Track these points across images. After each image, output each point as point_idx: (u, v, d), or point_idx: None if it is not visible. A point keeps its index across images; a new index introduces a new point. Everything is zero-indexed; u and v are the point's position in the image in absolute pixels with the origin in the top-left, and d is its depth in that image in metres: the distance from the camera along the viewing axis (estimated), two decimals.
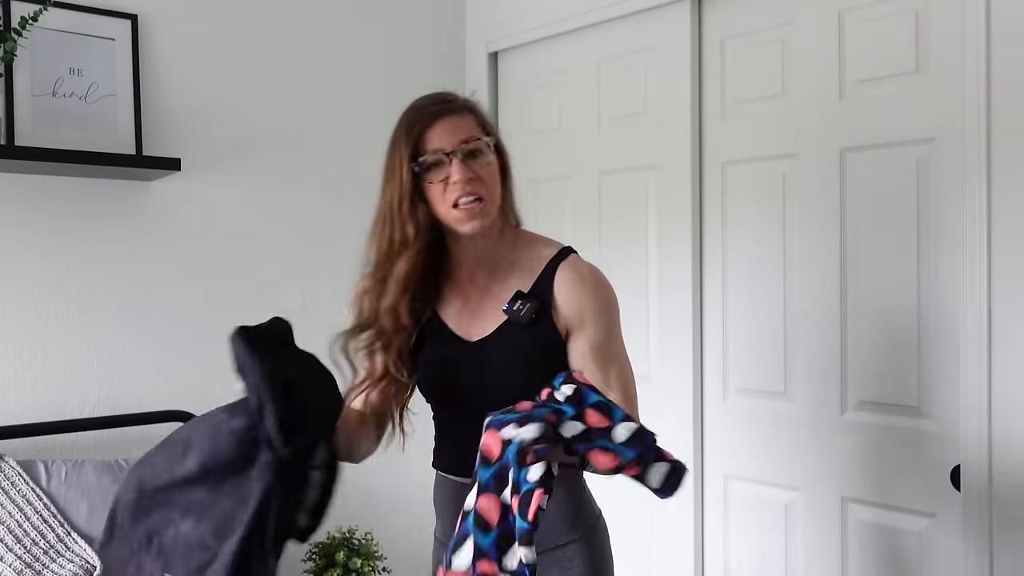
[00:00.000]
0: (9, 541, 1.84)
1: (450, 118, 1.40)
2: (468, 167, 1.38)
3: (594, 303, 1.43)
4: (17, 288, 2.11)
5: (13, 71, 2.05)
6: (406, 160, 1.39)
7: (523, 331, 1.42)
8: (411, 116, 1.42)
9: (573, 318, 1.42)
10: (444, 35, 2.88)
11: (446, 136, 1.39)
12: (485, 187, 1.40)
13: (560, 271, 1.44)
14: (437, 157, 1.38)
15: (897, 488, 1.95)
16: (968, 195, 1.79)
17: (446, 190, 1.38)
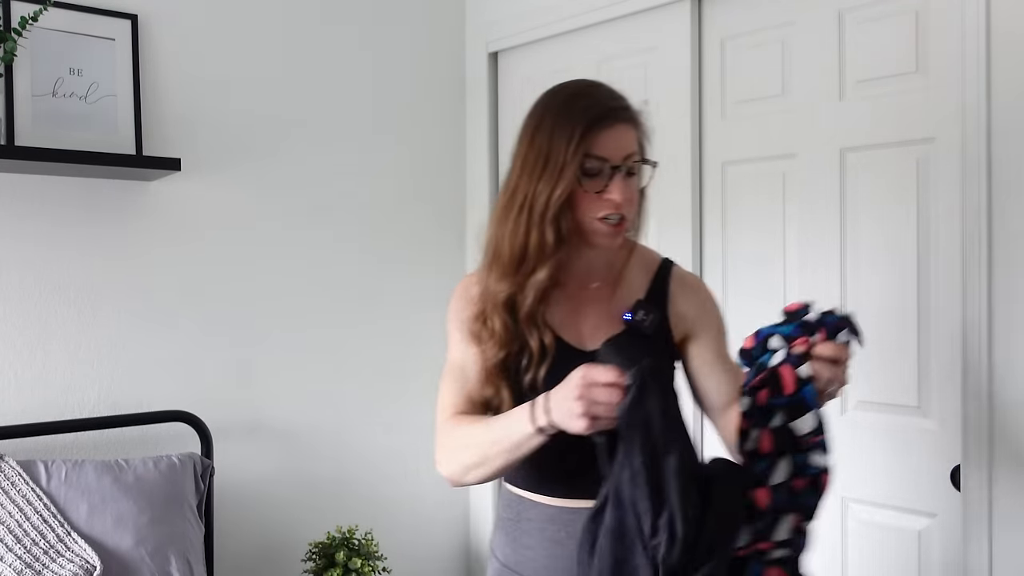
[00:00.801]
0: (9, 541, 1.84)
1: (624, 127, 1.31)
2: (626, 186, 1.30)
3: (713, 310, 1.44)
4: (17, 288, 2.11)
5: (13, 71, 2.05)
6: (576, 157, 1.26)
7: (644, 341, 1.32)
8: (593, 109, 1.28)
9: (693, 321, 1.41)
10: (444, 35, 2.88)
11: (617, 146, 1.29)
12: (631, 210, 1.33)
13: (675, 281, 1.43)
14: (601, 167, 1.28)
15: (897, 488, 1.95)
16: (968, 195, 1.79)
17: (597, 202, 1.29)
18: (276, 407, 2.50)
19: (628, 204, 1.30)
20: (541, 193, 1.27)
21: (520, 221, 1.29)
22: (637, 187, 1.34)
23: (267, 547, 2.47)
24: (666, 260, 1.46)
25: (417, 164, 2.81)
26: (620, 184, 1.28)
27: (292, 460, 2.53)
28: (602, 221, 1.30)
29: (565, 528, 1.35)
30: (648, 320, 1.32)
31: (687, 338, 1.42)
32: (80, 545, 1.88)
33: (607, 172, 1.28)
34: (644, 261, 1.45)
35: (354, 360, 2.67)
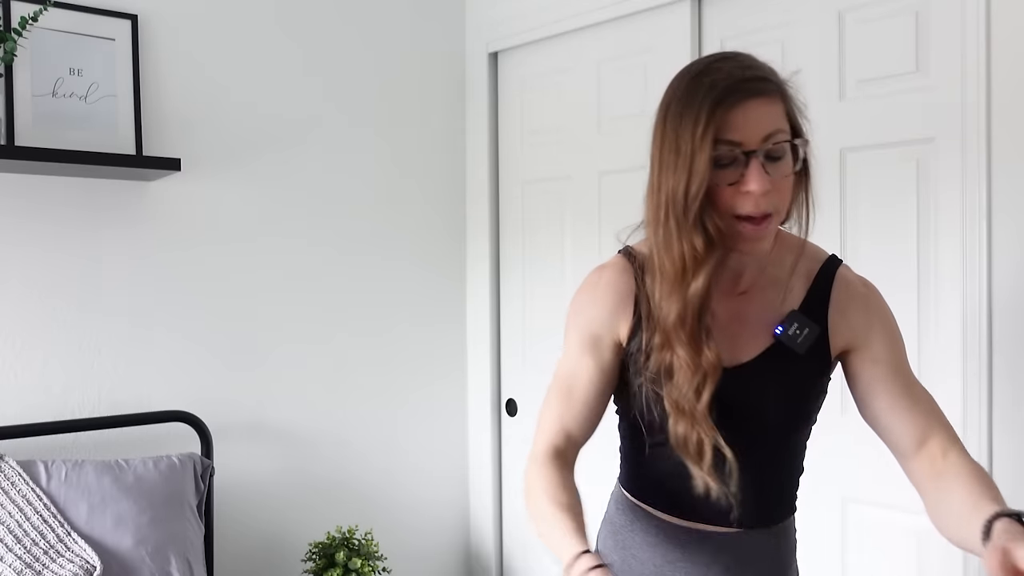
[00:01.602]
0: (9, 541, 1.84)
1: (760, 102, 1.09)
2: (767, 175, 1.08)
3: (883, 317, 1.24)
4: (17, 288, 2.11)
5: (13, 71, 2.05)
6: (707, 145, 1.06)
7: (798, 360, 1.20)
8: (718, 85, 1.08)
9: (859, 335, 1.23)
10: (444, 35, 2.88)
11: (751, 127, 1.07)
12: (780, 201, 1.12)
13: (838, 286, 1.23)
14: (733, 154, 1.08)
15: (897, 488, 1.95)
16: (968, 195, 1.79)
17: (734, 196, 1.09)
18: (276, 407, 2.50)
19: (772, 195, 1.09)
20: (678, 191, 1.09)
21: (670, 228, 1.11)
22: (786, 173, 1.12)
23: (267, 547, 2.47)
24: (831, 260, 1.27)
25: (417, 164, 2.81)
26: (758, 172, 1.07)
27: (292, 460, 2.53)
28: (744, 220, 1.10)
29: (680, 549, 1.28)
30: (802, 336, 1.18)
31: (850, 352, 1.24)
32: (80, 545, 1.88)
33: (742, 159, 1.08)
34: (807, 261, 1.25)
35: (354, 360, 2.67)
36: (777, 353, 1.21)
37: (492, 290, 2.86)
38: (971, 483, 1.11)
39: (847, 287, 1.24)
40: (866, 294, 1.25)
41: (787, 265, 1.23)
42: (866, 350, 1.23)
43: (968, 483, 1.11)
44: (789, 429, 1.26)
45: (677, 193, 1.09)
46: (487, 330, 2.86)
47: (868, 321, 1.23)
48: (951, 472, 1.15)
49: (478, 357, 2.89)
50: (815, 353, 1.22)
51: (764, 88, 1.10)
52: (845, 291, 1.24)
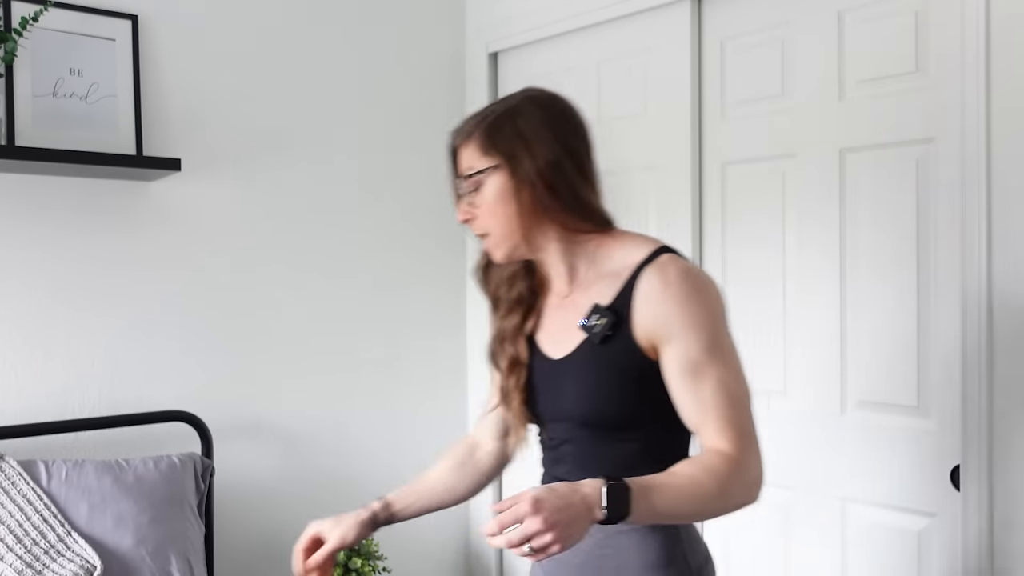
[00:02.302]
0: (9, 541, 1.84)
1: (460, 151, 1.37)
2: (466, 206, 1.36)
3: (681, 312, 1.23)
4: (17, 288, 2.11)
5: (13, 71, 2.05)
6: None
7: (600, 351, 1.28)
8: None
9: (655, 331, 1.24)
10: (444, 35, 2.88)
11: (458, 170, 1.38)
12: (484, 222, 1.35)
13: (643, 279, 1.26)
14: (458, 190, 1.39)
15: (897, 488, 1.95)
16: (968, 195, 1.79)
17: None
18: (276, 407, 2.50)
19: (476, 221, 1.35)
20: None
21: None
22: (486, 199, 1.33)
23: (267, 547, 2.47)
24: (656, 251, 1.30)
25: (417, 165, 2.81)
26: (460, 206, 1.37)
27: (292, 460, 2.53)
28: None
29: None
30: (597, 327, 1.27)
31: (656, 348, 1.26)
32: (80, 545, 1.88)
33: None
34: (626, 254, 1.32)
35: (354, 359, 2.67)
36: (587, 347, 1.30)
37: None
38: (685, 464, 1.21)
39: (649, 281, 1.26)
40: (666, 289, 1.25)
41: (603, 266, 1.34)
42: (667, 346, 1.25)
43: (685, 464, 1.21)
44: (602, 423, 1.29)
45: None
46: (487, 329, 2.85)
47: (666, 317, 1.24)
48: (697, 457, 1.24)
49: (478, 356, 2.89)
50: (619, 345, 1.27)
51: (454, 143, 1.37)
52: (647, 285, 1.26)
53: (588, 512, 1.07)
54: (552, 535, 1.03)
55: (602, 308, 1.28)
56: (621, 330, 1.26)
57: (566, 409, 1.33)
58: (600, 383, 1.29)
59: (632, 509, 1.09)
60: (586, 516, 1.07)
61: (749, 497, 1.25)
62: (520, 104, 1.35)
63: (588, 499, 1.07)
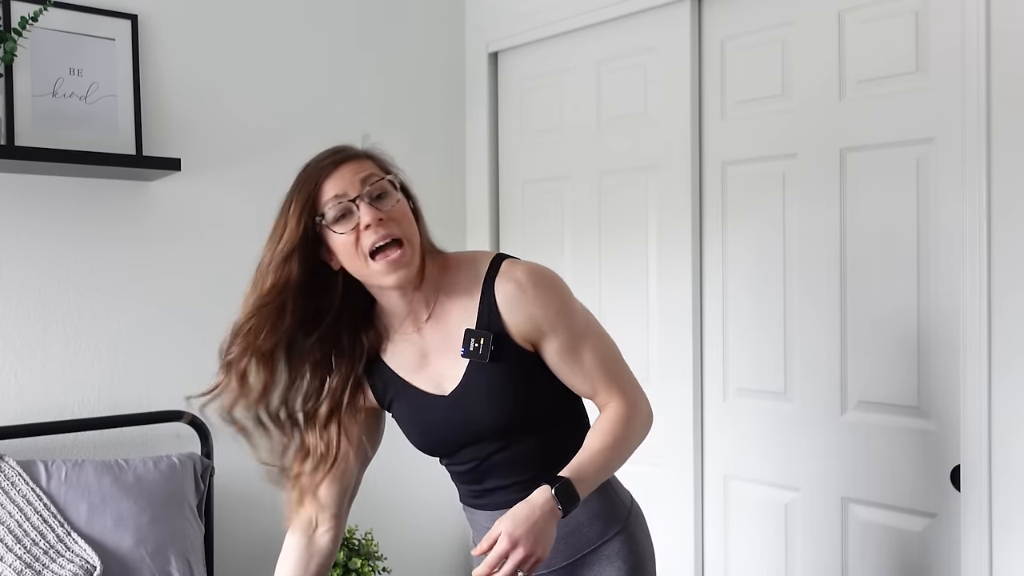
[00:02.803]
0: (9, 541, 1.84)
1: (348, 165, 1.33)
2: (377, 208, 1.29)
3: (543, 309, 1.35)
4: (17, 288, 2.11)
5: (13, 71, 2.05)
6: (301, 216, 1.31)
7: (492, 368, 1.35)
8: (304, 173, 1.35)
9: (531, 332, 1.36)
10: (444, 35, 2.88)
11: (347, 181, 1.30)
12: (400, 227, 1.31)
13: (497, 290, 1.35)
14: (342, 205, 1.29)
15: (897, 488, 1.95)
16: (968, 195, 1.79)
17: (359, 238, 1.29)
18: None
19: (389, 223, 1.29)
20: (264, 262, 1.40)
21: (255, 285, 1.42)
22: (396, 205, 1.32)
23: (267, 547, 2.47)
24: (494, 261, 1.39)
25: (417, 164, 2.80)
26: (367, 207, 1.28)
27: None
28: (377, 259, 1.28)
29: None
30: (481, 347, 1.32)
31: (532, 343, 1.38)
32: (80, 545, 1.88)
33: (352, 206, 1.29)
34: (470, 272, 1.39)
35: None
36: (476, 368, 1.36)
37: None
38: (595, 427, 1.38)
39: (504, 290, 1.35)
40: (522, 286, 1.35)
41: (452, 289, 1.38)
42: (543, 340, 1.37)
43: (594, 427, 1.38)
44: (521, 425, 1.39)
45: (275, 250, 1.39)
46: None
47: (533, 317, 1.35)
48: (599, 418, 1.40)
49: None
50: (506, 354, 1.35)
51: (347, 155, 1.34)
52: (503, 292, 1.35)
53: (551, 516, 1.25)
54: (535, 554, 1.22)
55: (475, 331, 1.34)
56: (502, 342, 1.35)
57: (482, 430, 1.40)
58: (506, 394, 1.37)
59: (580, 494, 1.28)
60: (551, 521, 1.25)
61: (647, 429, 1.44)
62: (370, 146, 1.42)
63: (545, 507, 1.24)
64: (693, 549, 2.30)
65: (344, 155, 1.34)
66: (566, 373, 1.40)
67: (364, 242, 1.29)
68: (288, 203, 1.35)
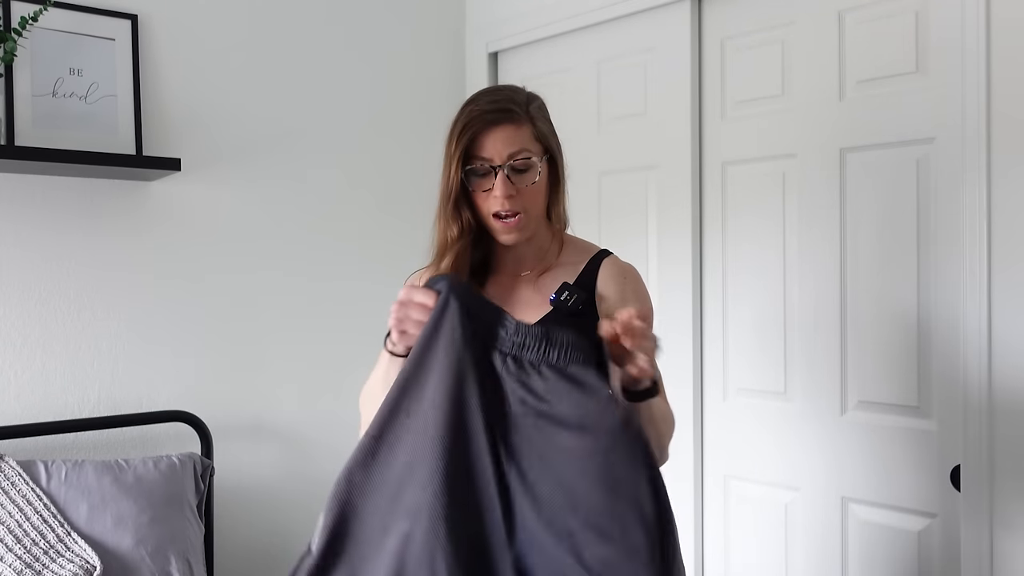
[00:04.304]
0: (9, 541, 1.84)
1: (505, 128, 1.39)
2: (511, 184, 1.39)
3: (635, 294, 1.47)
4: (17, 288, 2.11)
5: (13, 71, 2.05)
6: (457, 162, 1.40)
7: (567, 322, 1.39)
8: (467, 117, 1.41)
9: (610, 307, 1.43)
10: (444, 35, 2.88)
11: (497, 147, 1.39)
12: (524, 203, 1.41)
13: (603, 267, 1.48)
14: (485, 168, 1.39)
15: (897, 488, 1.96)
16: (968, 195, 1.79)
17: (488, 199, 1.40)
18: (276, 407, 2.50)
19: (515, 200, 1.39)
20: (442, 192, 1.43)
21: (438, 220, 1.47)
22: (532, 181, 1.41)
23: (267, 547, 2.47)
24: (602, 251, 1.52)
25: (417, 164, 2.81)
26: (503, 181, 1.38)
27: (292, 460, 2.53)
28: (496, 218, 1.40)
29: None
30: (572, 299, 1.39)
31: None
32: (80, 545, 1.88)
33: (492, 172, 1.39)
34: (578, 251, 1.52)
35: (354, 359, 2.67)
36: (555, 316, 1.41)
37: None
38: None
39: (610, 268, 1.49)
40: (623, 272, 1.49)
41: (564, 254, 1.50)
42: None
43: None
44: None
45: (443, 195, 1.43)
46: None
47: (619, 297, 1.45)
48: None
49: None
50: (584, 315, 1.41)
51: (508, 117, 1.40)
52: (608, 271, 1.48)
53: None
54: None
55: (571, 286, 1.42)
56: (590, 306, 1.42)
57: None
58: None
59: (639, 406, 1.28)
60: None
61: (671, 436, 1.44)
62: (540, 100, 1.49)
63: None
64: (693, 549, 2.30)
65: (506, 116, 1.40)
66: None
67: (491, 204, 1.40)
68: (448, 148, 1.42)
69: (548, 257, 1.50)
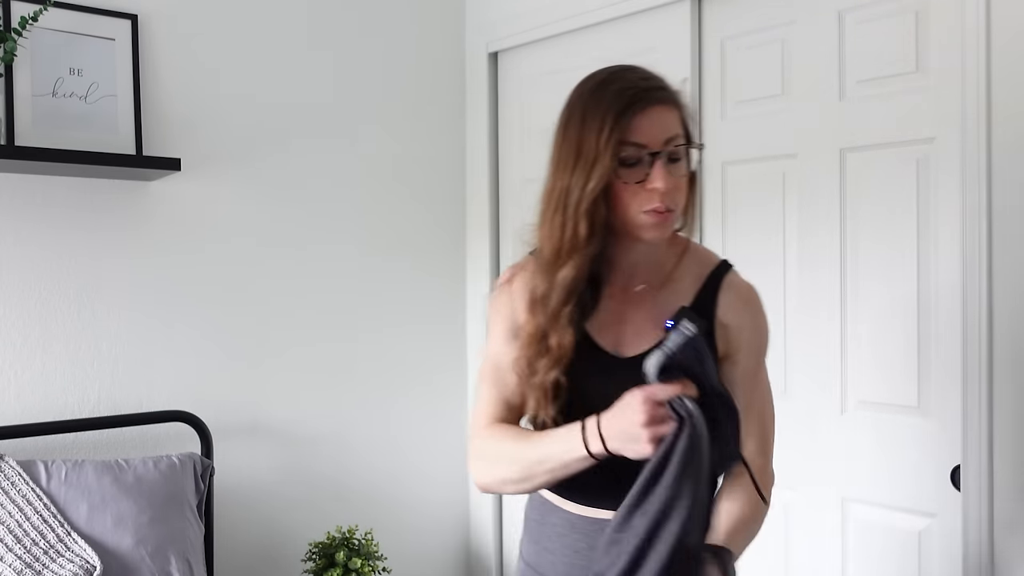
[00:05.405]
0: (9, 541, 1.84)
1: (663, 109, 1.20)
2: (670, 175, 1.19)
3: (755, 328, 1.32)
4: (17, 288, 2.11)
5: (13, 71, 2.05)
6: (610, 146, 1.17)
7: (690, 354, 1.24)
8: (625, 92, 1.20)
9: (732, 339, 1.30)
10: (444, 35, 2.88)
11: (655, 131, 1.18)
12: (679, 199, 1.22)
13: (725, 290, 1.31)
14: (636, 155, 1.18)
15: (897, 488, 1.95)
16: (968, 195, 1.79)
17: (638, 193, 1.19)
18: (276, 407, 2.50)
19: (673, 193, 1.19)
20: (575, 187, 1.19)
21: (555, 220, 1.21)
22: (683, 173, 1.22)
23: (267, 547, 2.47)
24: (723, 264, 1.34)
25: (417, 164, 2.81)
26: (662, 171, 1.17)
27: (292, 460, 2.53)
28: (647, 213, 1.19)
29: (586, 539, 1.30)
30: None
31: (725, 352, 1.31)
32: (80, 545, 1.88)
33: (647, 160, 1.18)
34: (698, 262, 1.33)
35: (354, 360, 2.67)
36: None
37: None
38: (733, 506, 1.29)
39: (735, 292, 1.31)
40: (749, 300, 1.33)
41: (683, 266, 1.32)
42: (736, 355, 1.31)
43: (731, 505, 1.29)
44: None
45: (572, 190, 1.19)
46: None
47: (742, 329, 1.31)
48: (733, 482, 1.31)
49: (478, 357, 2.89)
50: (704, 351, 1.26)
51: (664, 96, 1.22)
52: (733, 296, 1.31)
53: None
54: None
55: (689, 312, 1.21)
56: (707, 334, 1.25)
57: None
58: None
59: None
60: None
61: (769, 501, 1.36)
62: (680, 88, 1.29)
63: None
64: None
65: (662, 95, 1.21)
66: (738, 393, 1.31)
67: (642, 199, 1.19)
68: (594, 128, 1.18)
69: (664, 268, 1.31)
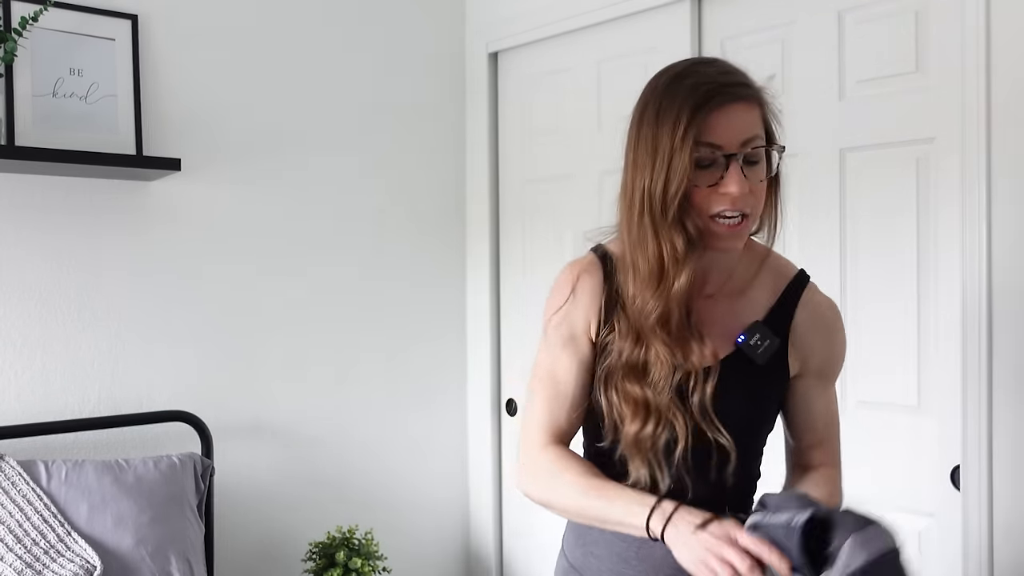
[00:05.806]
0: (9, 541, 1.84)
1: (741, 107, 1.12)
2: (746, 179, 1.10)
3: (832, 343, 1.28)
4: (17, 288, 2.11)
5: (13, 71, 2.05)
6: (686, 145, 1.08)
7: (756, 369, 1.20)
8: (701, 88, 1.11)
9: (808, 356, 1.25)
10: (444, 35, 2.88)
11: (732, 131, 1.10)
12: (755, 204, 1.14)
13: (803, 306, 1.25)
14: (714, 156, 1.10)
15: (897, 488, 1.95)
16: (968, 195, 1.79)
17: (711, 196, 1.11)
18: (276, 407, 2.50)
19: (748, 198, 1.11)
20: (655, 191, 1.11)
21: (644, 226, 1.15)
22: (761, 178, 1.14)
23: (267, 547, 2.47)
24: (800, 275, 1.29)
25: (417, 164, 2.81)
26: (737, 175, 1.09)
27: (292, 460, 2.53)
28: (719, 219, 1.12)
29: (635, 549, 1.26)
30: (762, 347, 1.18)
31: (800, 367, 1.26)
32: (80, 545, 1.88)
33: (721, 162, 1.10)
34: (775, 273, 1.27)
35: (354, 360, 2.67)
36: (737, 360, 1.21)
37: (492, 289, 2.86)
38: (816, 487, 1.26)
39: (814, 309, 1.27)
40: (830, 319, 1.29)
41: (753, 273, 1.26)
42: (816, 369, 1.28)
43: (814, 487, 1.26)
44: (744, 435, 1.22)
45: (655, 193, 1.12)
46: (487, 330, 2.86)
47: (823, 347, 1.27)
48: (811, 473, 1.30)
49: (478, 357, 2.89)
50: (774, 366, 1.23)
51: (744, 93, 1.14)
52: (812, 313, 1.26)
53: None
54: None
55: (763, 328, 1.17)
56: (779, 351, 1.22)
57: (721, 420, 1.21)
58: (753, 396, 1.23)
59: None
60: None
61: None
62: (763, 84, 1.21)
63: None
64: None
65: (741, 92, 1.13)
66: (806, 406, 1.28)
67: (713, 203, 1.11)
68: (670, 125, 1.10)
69: (740, 276, 1.24)
